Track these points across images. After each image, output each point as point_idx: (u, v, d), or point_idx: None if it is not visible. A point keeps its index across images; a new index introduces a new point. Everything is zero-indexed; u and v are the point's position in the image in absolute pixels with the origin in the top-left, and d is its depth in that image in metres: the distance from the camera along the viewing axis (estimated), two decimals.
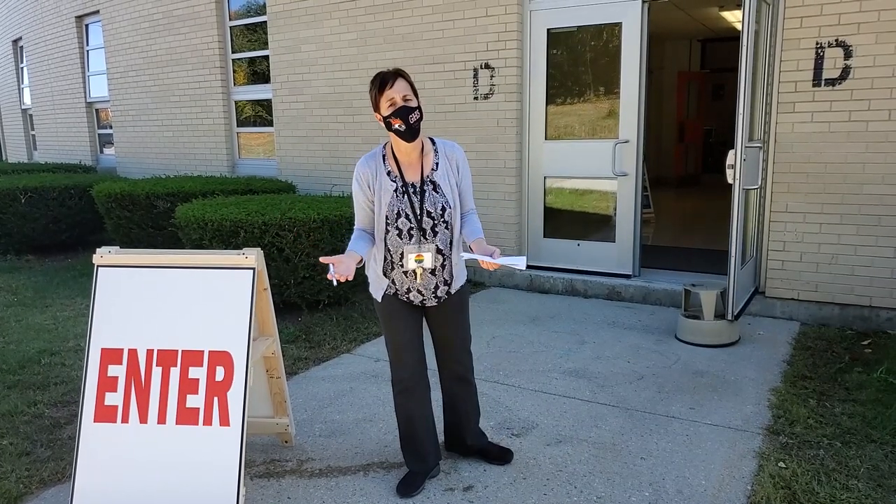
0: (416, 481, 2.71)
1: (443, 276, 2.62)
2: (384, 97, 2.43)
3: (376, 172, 2.54)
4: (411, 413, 2.73)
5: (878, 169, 4.52)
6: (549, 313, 5.23)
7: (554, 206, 6.01)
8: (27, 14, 11.79)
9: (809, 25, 4.61)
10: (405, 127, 2.44)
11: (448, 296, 2.68)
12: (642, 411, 3.43)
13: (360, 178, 2.54)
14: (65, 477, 2.88)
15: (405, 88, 2.44)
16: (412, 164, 2.56)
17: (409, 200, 2.51)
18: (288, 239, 4.77)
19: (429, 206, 2.53)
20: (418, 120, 2.46)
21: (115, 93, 9.68)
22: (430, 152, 2.58)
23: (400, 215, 2.52)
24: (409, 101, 2.43)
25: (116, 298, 2.63)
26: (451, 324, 2.72)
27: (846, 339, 4.48)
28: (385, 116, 2.44)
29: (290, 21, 7.26)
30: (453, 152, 2.60)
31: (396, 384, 2.72)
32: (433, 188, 2.54)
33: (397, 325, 2.65)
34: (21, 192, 7.24)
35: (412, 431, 2.75)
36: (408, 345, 2.66)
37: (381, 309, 2.68)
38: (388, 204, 2.52)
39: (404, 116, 2.42)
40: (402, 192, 2.52)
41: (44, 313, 5.36)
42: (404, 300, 2.66)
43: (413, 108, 2.44)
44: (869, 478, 2.77)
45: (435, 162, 2.57)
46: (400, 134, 2.46)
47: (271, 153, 8.07)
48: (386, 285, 2.64)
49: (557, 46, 5.79)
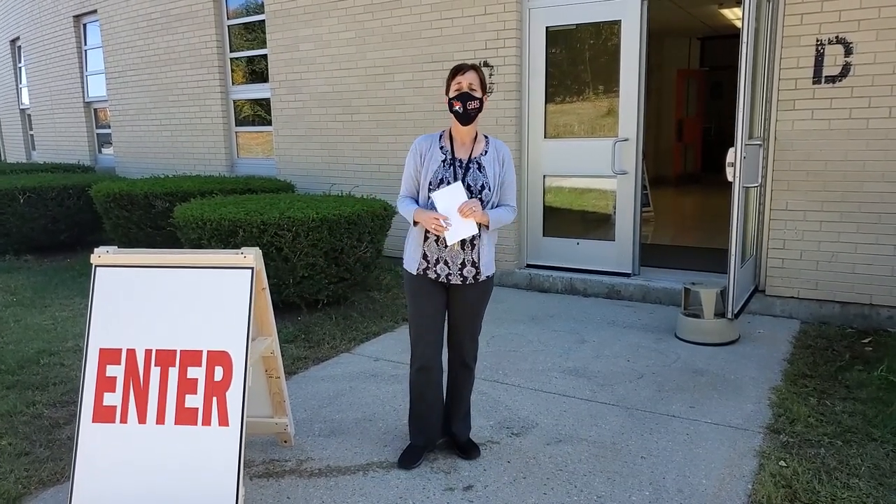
0: (417, 455, 2.93)
1: (471, 255, 2.78)
2: (454, 81, 2.74)
3: (430, 145, 2.82)
4: (424, 390, 2.92)
5: (878, 166, 4.51)
6: (549, 312, 5.22)
7: (553, 204, 6.00)
8: (25, 14, 11.77)
9: (810, 22, 4.60)
10: (463, 110, 2.73)
11: (475, 281, 2.83)
12: (642, 410, 3.42)
13: (416, 148, 2.82)
14: (63, 477, 2.87)
15: (474, 80, 2.73)
16: (465, 145, 2.83)
17: (454, 171, 2.77)
18: (287, 238, 4.76)
19: (470, 180, 2.76)
20: (476, 109, 2.75)
21: (113, 92, 9.66)
22: (482, 141, 2.87)
23: (442, 181, 2.74)
24: (473, 91, 2.73)
25: (115, 298, 2.61)
26: (469, 311, 2.87)
27: (847, 338, 4.47)
28: (450, 98, 2.75)
29: (288, 20, 7.25)
30: (503, 148, 2.88)
31: (415, 361, 2.90)
32: (478, 167, 2.79)
33: (423, 302, 2.82)
34: (20, 192, 7.22)
35: (423, 408, 2.94)
36: (430, 324, 2.84)
37: (410, 285, 2.86)
38: (434, 171, 2.76)
39: (465, 101, 2.72)
40: (449, 163, 2.78)
41: (42, 313, 5.35)
42: (432, 277, 2.81)
43: (475, 97, 2.73)
44: (870, 476, 2.76)
45: (485, 149, 2.85)
46: (458, 116, 2.75)
47: (270, 152, 8.05)
48: (420, 257, 2.80)
49: (556, 44, 5.78)
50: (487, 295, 2.91)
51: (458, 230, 2.69)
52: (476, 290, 2.85)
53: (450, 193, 2.70)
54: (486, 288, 2.88)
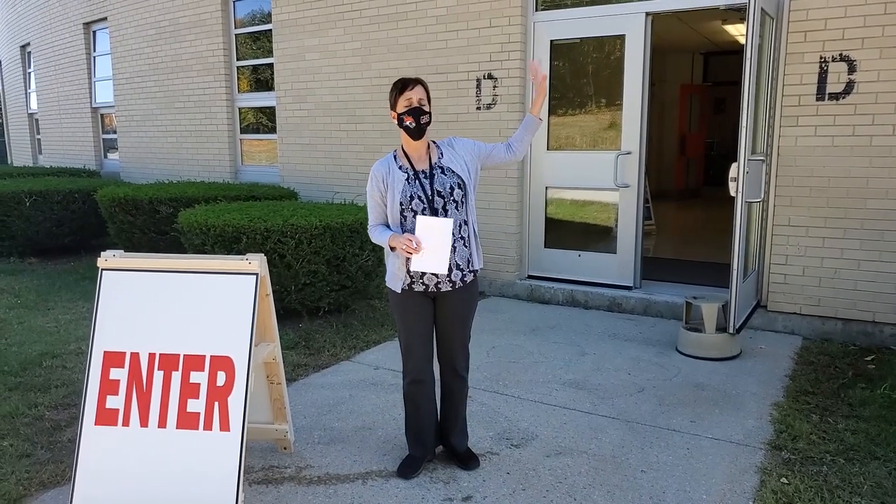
0: (416, 465, 2.95)
1: (455, 259, 2.79)
2: (403, 97, 2.74)
3: (389, 169, 2.81)
4: (418, 402, 2.94)
5: (881, 183, 4.52)
6: (550, 324, 5.22)
7: (555, 216, 6.01)
8: (35, 20, 11.88)
9: (813, 40, 4.63)
10: (415, 125, 2.74)
11: (463, 283, 2.84)
12: (643, 424, 3.42)
13: (375, 176, 2.82)
14: (64, 479, 2.87)
15: (423, 94, 2.77)
16: (421, 158, 2.84)
17: (420, 183, 2.77)
18: (290, 245, 4.78)
19: (438, 186, 2.77)
20: (426, 123, 2.78)
21: (120, 98, 9.72)
22: (434, 149, 2.90)
23: (413, 198, 2.75)
24: (423, 105, 2.75)
25: (120, 302, 2.63)
26: (458, 318, 2.89)
27: (849, 355, 4.46)
28: (399, 113, 2.75)
29: (294, 30, 7.31)
30: (455, 141, 2.91)
31: (407, 374, 2.93)
32: (441, 171, 2.81)
33: (411, 318, 2.85)
34: (26, 195, 7.26)
35: (418, 419, 2.97)
36: (419, 338, 2.86)
37: (396, 302, 2.87)
38: (402, 191, 2.77)
39: (416, 116, 2.73)
40: (413, 178, 2.79)
41: (46, 316, 5.36)
42: (419, 291, 2.82)
43: (425, 112, 2.76)
44: (872, 495, 2.75)
45: (440, 153, 2.87)
46: (409, 131, 2.76)
47: (274, 160, 8.09)
48: (404, 275, 2.80)
49: (560, 58, 5.81)
50: (475, 300, 2.92)
51: (426, 261, 2.65)
52: (464, 293, 2.86)
53: (437, 225, 2.64)
54: (474, 291, 2.90)
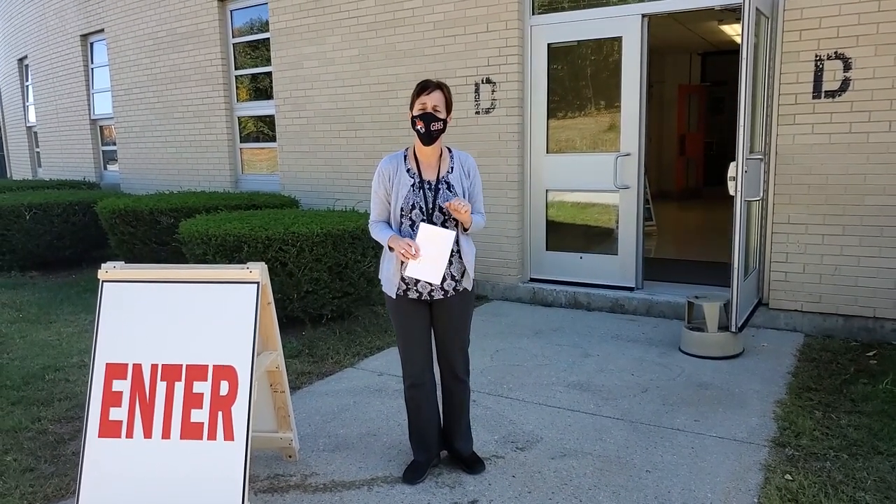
0: (421, 470, 2.94)
1: (450, 270, 2.80)
2: (419, 100, 2.73)
3: (397, 169, 2.80)
4: (420, 405, 2.95)
5: (879, 180, 4.53)
6: (553, 326, 5.23)
7: (556, 219, 6.02)
8: (33, 33, 11.92)
9: (809, 38, 4.64)
10: (425, 130, 2.72)
11: (455, 293, 2.85)
12: (647, 424, 3.42)
13: (382, 172, 2.80)
14: (69, 493, 2.87)
15: (440, 100, 2.73)
16: (431, 165, 2.82)
17: (424, 195, 2.77)
18: (291, 253, 4.79)
19: (441, 201, 2.77)
20: (439, 130, 2.74)
21: (119, 110, 9.75)
22: (447, 158, 2.86)
23: (414, 207, 2.76)
24: (437, 112, 2.72)
25: (121, 313, 2.63)
26: (453, 323, 2.88)
27: (851, 351, 4.46)
28: (413, 116, 2.74)
29: (292, 38, 7.33)
30: (467, 160, 2.88)
31: (407, 378, 2.94)
32: (447, 187, 2.79)
33: (408, 323, 2.85)
34: (26, 208, 7.27)
35: (420, 423, 2.97)
36: (417, 342, 2.87)
37: (393, 308, 2.87)
38: (405, 197, 2.76)
39: (427, 122, 2.71)
40: (418, 187, 2.77)
41: (48, 329, 5.37)
42: (414, 297, 2.82)
43: (439, 118, 2.73)
44: (876, 490, 2.75)
45: (451, 166, 2.84)
46: (420, 135, 2.75)
47: (274, 169, 8.11)
48: (398, 280, 2.80)
49: (558, 61, 5.83)
50: (470, 305, 2.92)
51: (421, 269, 2.65)
52: (459, 300, 2.86)
53: (438, 236, 2.65)
54: (468, 298, 2.90)
